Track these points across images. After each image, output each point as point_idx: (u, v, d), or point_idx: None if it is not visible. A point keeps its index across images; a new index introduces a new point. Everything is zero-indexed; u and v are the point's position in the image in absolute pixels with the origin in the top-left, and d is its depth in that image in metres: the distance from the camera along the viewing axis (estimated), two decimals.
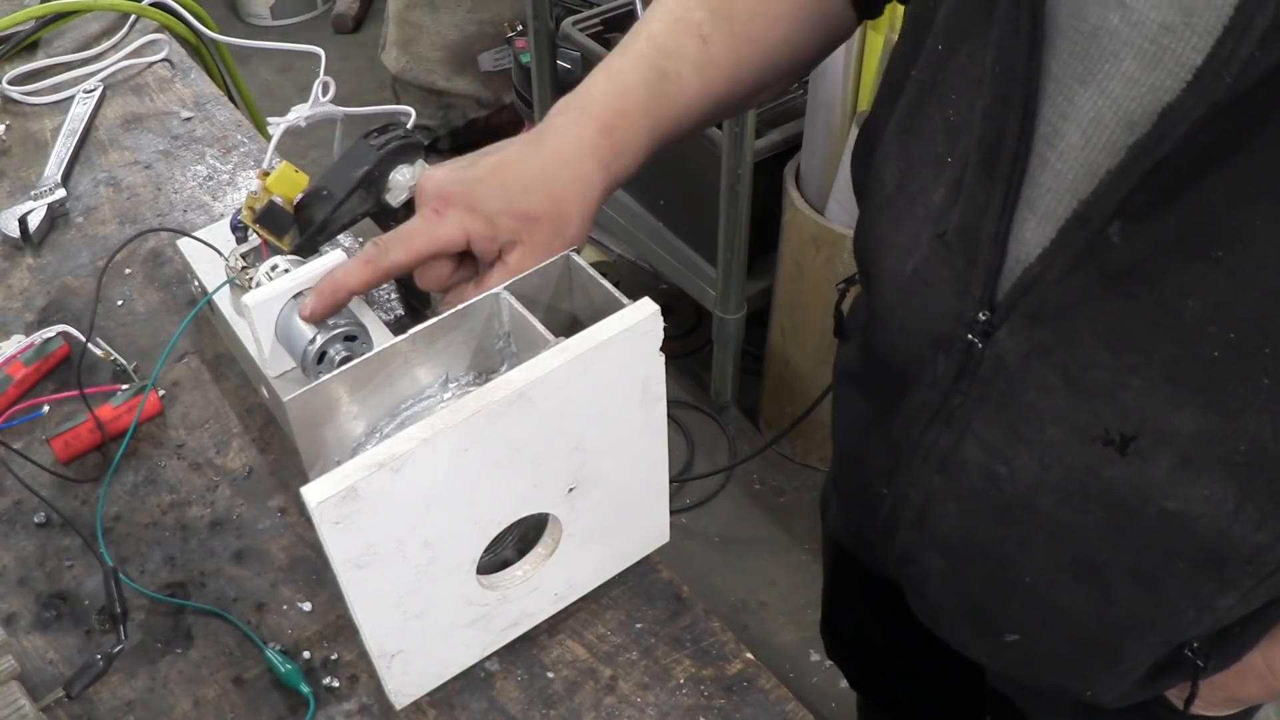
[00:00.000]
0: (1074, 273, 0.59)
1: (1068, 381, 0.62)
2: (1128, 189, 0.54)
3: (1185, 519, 0.62)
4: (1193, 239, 0.54)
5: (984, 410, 0.67)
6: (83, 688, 0.73)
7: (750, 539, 2.07)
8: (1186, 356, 0.57)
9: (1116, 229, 0.56)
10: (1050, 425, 0.64)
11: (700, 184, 1.92)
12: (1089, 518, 0.66)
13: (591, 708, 0.74)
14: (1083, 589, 0.70)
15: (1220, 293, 0.54)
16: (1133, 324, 0.58)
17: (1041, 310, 0.61)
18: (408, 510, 0.62)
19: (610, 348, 0.65)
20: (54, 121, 1.22)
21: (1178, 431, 0.59)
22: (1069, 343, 0.61)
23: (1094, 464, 0.63)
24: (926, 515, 0.76)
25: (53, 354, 0.95)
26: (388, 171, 0.88)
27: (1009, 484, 0.68)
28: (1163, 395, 0.58)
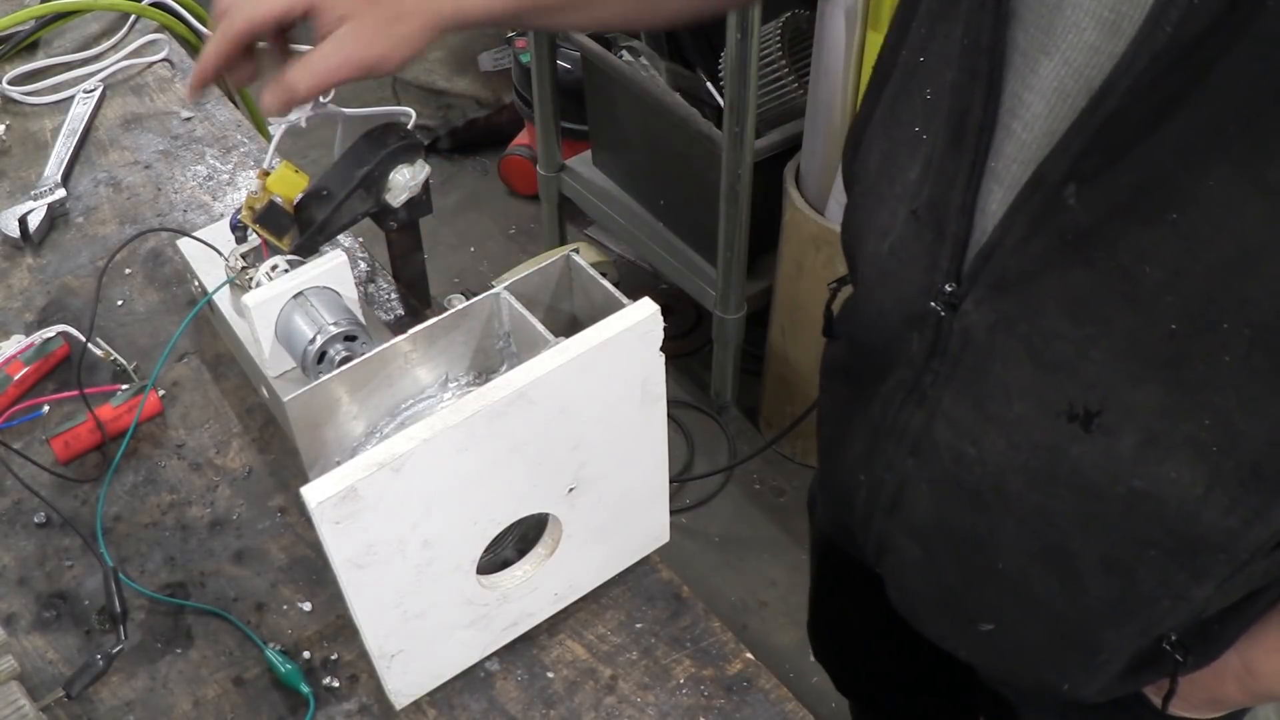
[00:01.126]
0: (1032, 238, 0.60)
1: (1032, 354, 0.62)
2: (1080, 148, 0.55)
3: (1154, 501, 0.62)
4: (1146, 200, 0.54)
5: (953, 388, 0.68)
6: (83, 688, 0.73)
7: (750, 539, 2.07)
8: (1146, 328, 0.57)
9: (1072, 191, 0.57)
10: (1016, 401, 0.64)
11: (700, 184, 1.92)
12: (1058, 501, 0.66)
13: (591, 708, 0.74)
14: (1055, 577, 0.70)
15: (1176, 258, 0.55)
16: (1093, 292, 0.58)
17: (1003, 279, 0.62)
18: (408, 510, 0.62)
19: (610, 348, 0.65)
20: (54, 121, 1.22)
21: (1141, 406, 0.59)
22: (1032, 314, 0.61)
23: (1060, 441, 0.63)
24: (901, 500, 0.76)
25: (53, 354, 0.95)
26: (388, 171, 0.88)
27: (978, 466, 0.68)
28: (1124, 369, 0.59)
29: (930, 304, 0.66)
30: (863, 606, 1.08)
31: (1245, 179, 0.51)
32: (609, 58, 1.98)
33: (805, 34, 1.90)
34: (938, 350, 0.68)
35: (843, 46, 1.67)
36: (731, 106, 1.73)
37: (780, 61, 1.91)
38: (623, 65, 1.95)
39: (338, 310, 0.82)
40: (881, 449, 0.76)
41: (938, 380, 0.69)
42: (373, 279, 1.03)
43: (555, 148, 2.23)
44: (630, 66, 1.96)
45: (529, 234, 2.64)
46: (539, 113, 2.15)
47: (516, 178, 2.70)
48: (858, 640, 1.21)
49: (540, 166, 2.29)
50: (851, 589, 1.09)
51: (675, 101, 1.90)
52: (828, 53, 1.69)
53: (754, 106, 1.74)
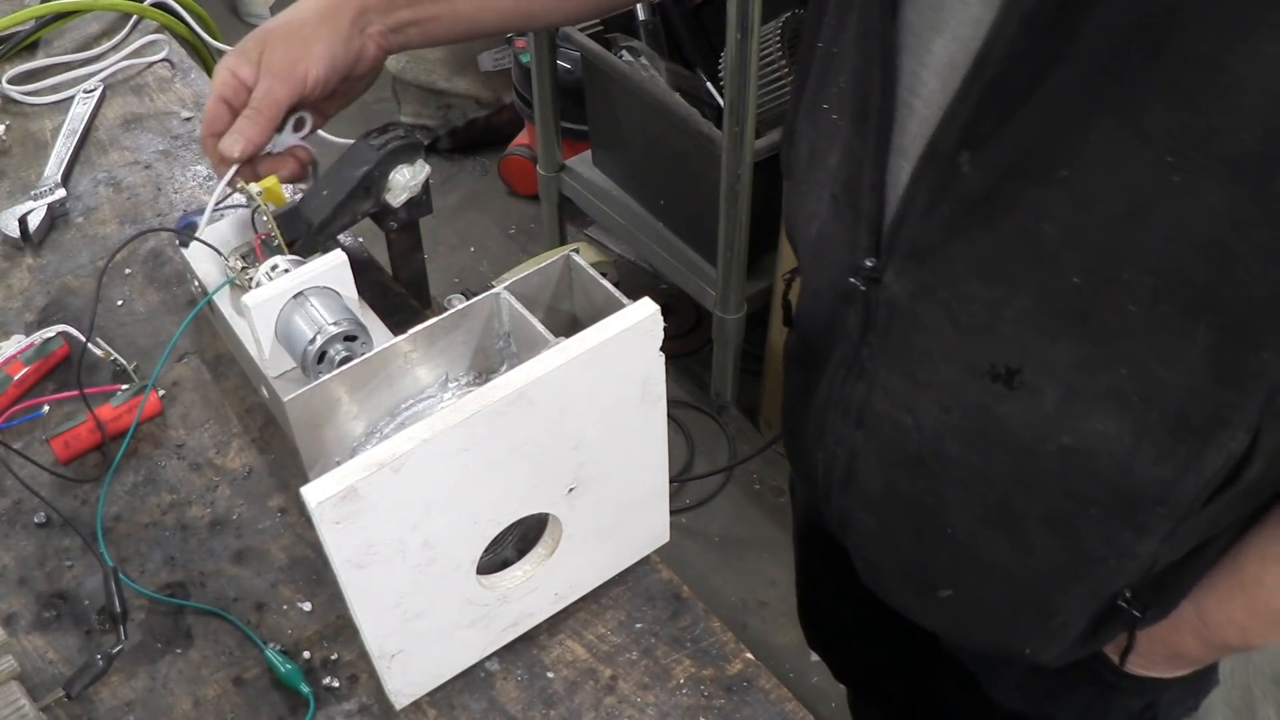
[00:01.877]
0: (936, 207, 0.62)
1: (951, 319, 0.64)
2: (966, 117, 0.57)
3: (1085, 456, 0.63)
4: (1036, 161, 0.56)
5: (886, 358, 0.70)
6: (83, 688, 0.73)
7: (750, 539, 2.07)
8: (1051, 284, 0.59)
9: (966, 158, 0.58)
10: (941, 365, 0.66)
11: (700, 184, 1.92)
12: (995, 462, 0.67)
13: (591, 708, 0.74)
14: (1003, 538, 0.71)
15: (1070, 214, 0.56)
16: (999, 254, 0.60)
17: (916, 249, 0.64)
18: (408, 510, 0.62)
19: (610, 348, 0.65)
20: (54, 121, 1.22)
21: (1057, 362, 0.61)
22: (947, 280, 0.63)
23: (986, 401, 0.65)
24: (853, 473, 0.78)
25: (53, 354, 0.95)
26: (388, 171, 0.88)
27: (916, 433, 0.70)
28: (1037, 325, 0.61)
29: (855, 281, 0.69)
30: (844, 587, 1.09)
31: (1125, 130, 0.53)
32: (609, 58, 1.97)
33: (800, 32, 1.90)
34: (870, 324, 0.70)
35: None
36: (731, 106, 1.73)
37: (780, 61, 1.91)
38: (623, 65, 1.95)
39: (338, 310, 0.82)
40: (831, 424, 0.78)
41: (873, 353, 0.71)
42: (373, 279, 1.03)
43: (555, 148, 2.23)
44: (630, 66, 1.95)
45: (529, 234, 2.64)
46: (539, 113, 2.15)
47: (516, 178, 2.70)
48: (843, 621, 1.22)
49: (540, 166, 2.29)
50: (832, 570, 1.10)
51: (675, 101, 1.90)
52: None
53: (754, 106, 1.74)
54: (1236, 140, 0.50)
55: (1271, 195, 0.51)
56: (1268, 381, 0.57)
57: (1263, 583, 0.69)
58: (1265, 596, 0.69)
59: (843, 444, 0.77)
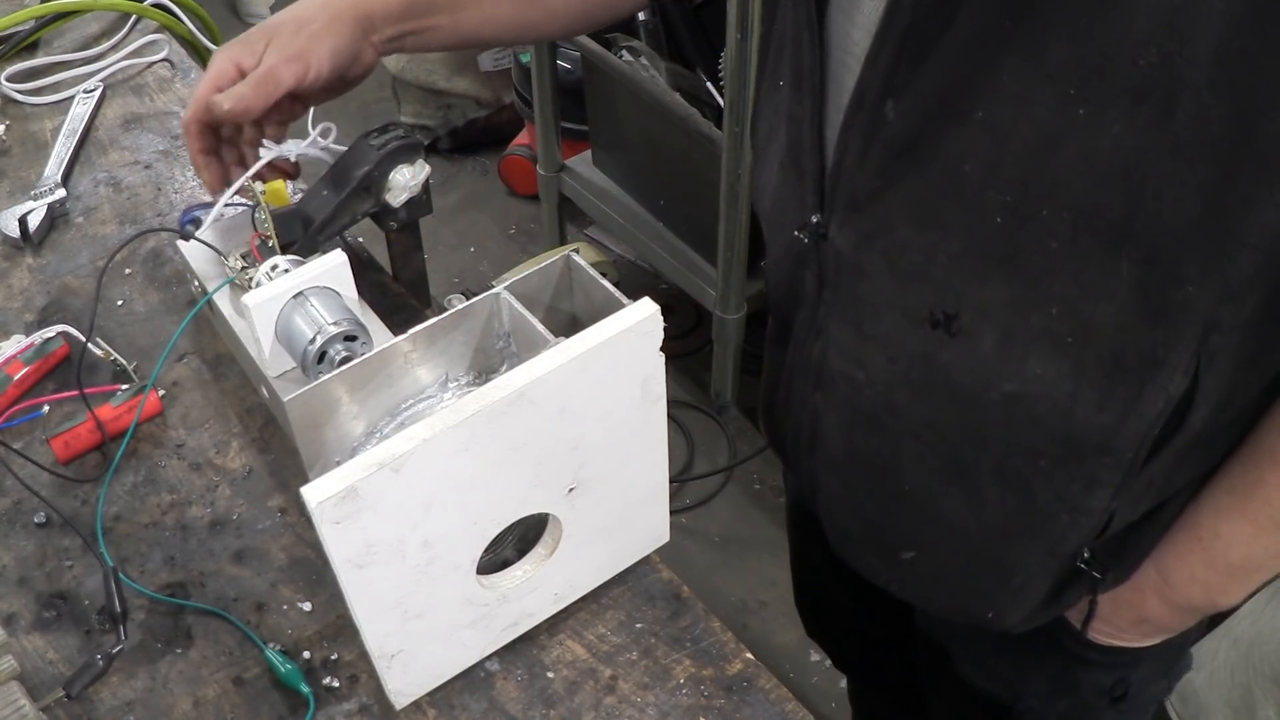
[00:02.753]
0: (867, 155, 0.63)
1: (890, 267, 0.66)
2: (886, 64, 0.59)
3: (1027, 403, 0.64)
4: (953, 102, 0.57)
5: (836, 313, 0.72)
6: (83, 688, 0.73)
7: (750, 539, 2.07)
8: (977, 226, 0.60)
9: (890, 105, 0.60)
10: (885, 314, 0.68)
11: (700, 184, 1.92)
12: (942, 412, 0.69)
13: (591, 708, 0.74)
14: (957, 494, 0.72)
15: (988, 153, 0.57)
16: (929, 199, 0.62)
17: (854, 199, 0.66)
18: (408, 510, 0.62)
19: (610, 348, 0.65)
20: (54, 121, 1.22)
21: (991, 303, 0.62)
22: (884, 227, 0.65)
23: (929, 348, 0.66)
24: (817, 437, 0.79)
25: (53, 354, 0.95)
26: (388, 171, 0.88)
27: (868, 389, 0.72)
28: (968, 268, 0.62)
29: (801, 237, 0.71)
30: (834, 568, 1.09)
31: (1030, 67, 0.54)
32: (609, 58, 1.97)
33: None
34: (822, 281, 0.72)
35: None
36: (731, 106, 1.73)
37: None
38: (623, 65, 1.95)
39: (338, 310, 0.82)
40: (796, 390, 0.80)
41: (827, 310, 0.72)
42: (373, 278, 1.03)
43: (555, 148, 2.22)
44: (630, 66, 1.95)
45: (529, 234, 2.64)
46: (539, 113, 2.15)
47: (516, 178, 2.70)
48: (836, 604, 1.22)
49: (540, 166, 2.28)
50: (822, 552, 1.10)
51: (675, 101, 1.90)
52: None
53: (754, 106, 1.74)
54: (1134, 68, 0.51)
55: (1175, 122, 0.51)
56: (1197, 318, 0.57)
57: (1219, 534, 0.69)
58: (1222, 548, 0.69)
59: (806, 408, 0.79)
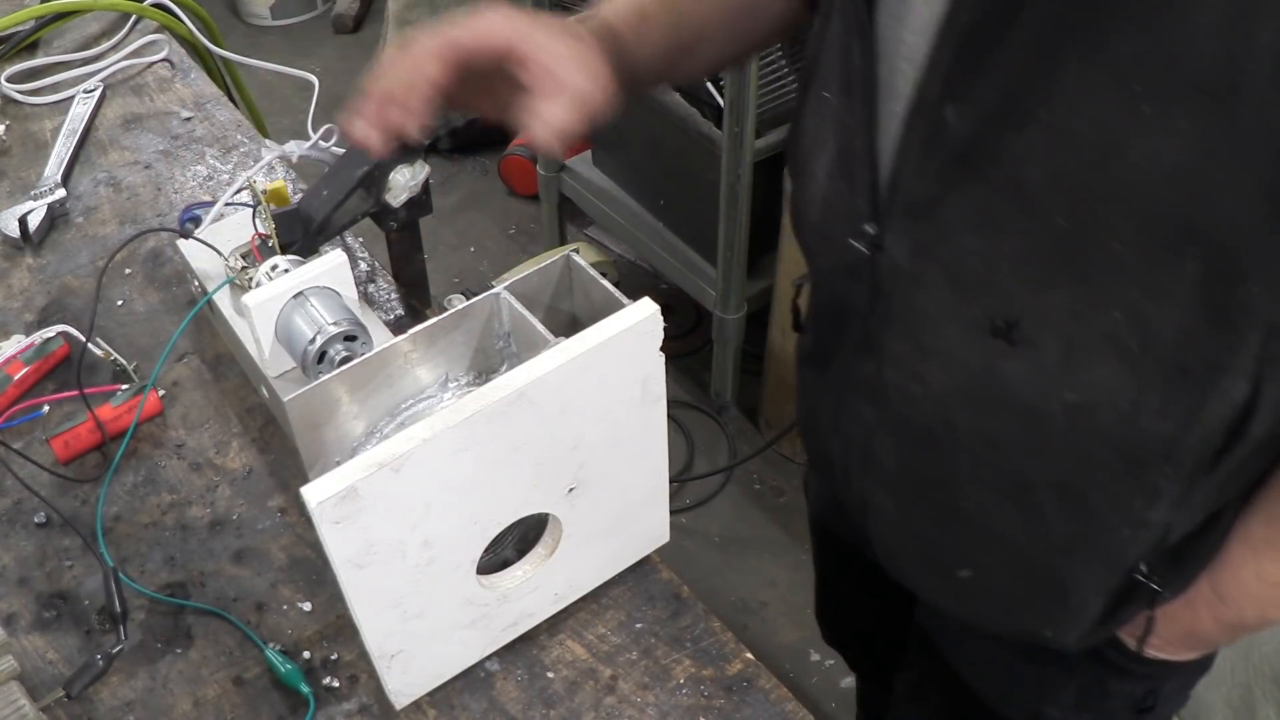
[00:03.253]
0: (926, 161, 0.62)
1: (949, 276, 0.65)
2: (946, 66, 0.58)
3: (1088, 413, 0.63)
4: (1014, 104, 0.57)
5: (892, 326, 0.70)
6: (83, 688, 0.73)
7: (750, 539, 2.07)
8: (1040, 230, 0.59)
9: (950, 110, 0.59)
10: (944, 326, 0.66)
11: (700, 184, 1.92)
12: (1002, 426, 0.68)
13: (591, 708, 0.74)
14: (1016, 511, 0.71)
15: (1051, 156, 0.57)
16: (989, 204, 0.61)
17: (912, 206, 0.65)
18: (408, 510, 0.62)
19: (610, 348, 0.65)
20: (54, 121, 1.22)
21: (1053, 310, 0.61)
22: (943, 235, 0.64)
23: (990, 359, 0.65)
24: (870, 453, 0.78)
25: (53, 354, 0.95)
26: (388, 171, 0.88)
27: (926, 402, 0.70)
28: (1030, 274, 0.61)
29: (856, 246, 0.69)
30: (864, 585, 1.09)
31: (1094, 65, 0.53)
32: None
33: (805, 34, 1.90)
34: (876, 293, 0.70)
35: None
36: (731, 106, 1.73)
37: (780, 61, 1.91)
38: None
39: (338, 310, 0.82)
40: (846, 405, 0.78)
41: (880, 323, 0.71)
42: (373, 279, 1.03)
43: None
44: None
45: (529, 234, 2.64)
46: None
47: (516, 178, 2.70)
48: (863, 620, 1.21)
49: (540, 166, 2.28)
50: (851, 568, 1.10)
51: (675, 101, 1.90)
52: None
53: (754, 106, 1.74)
54: (1198, 64, 0.50)
55: (1240, 119, 0.51)
56: (1259, 321, 0.57)
57: (1273, 544, 0.69)
58: (1275, 559, 0.69)
59: (858, 424, 0.78)
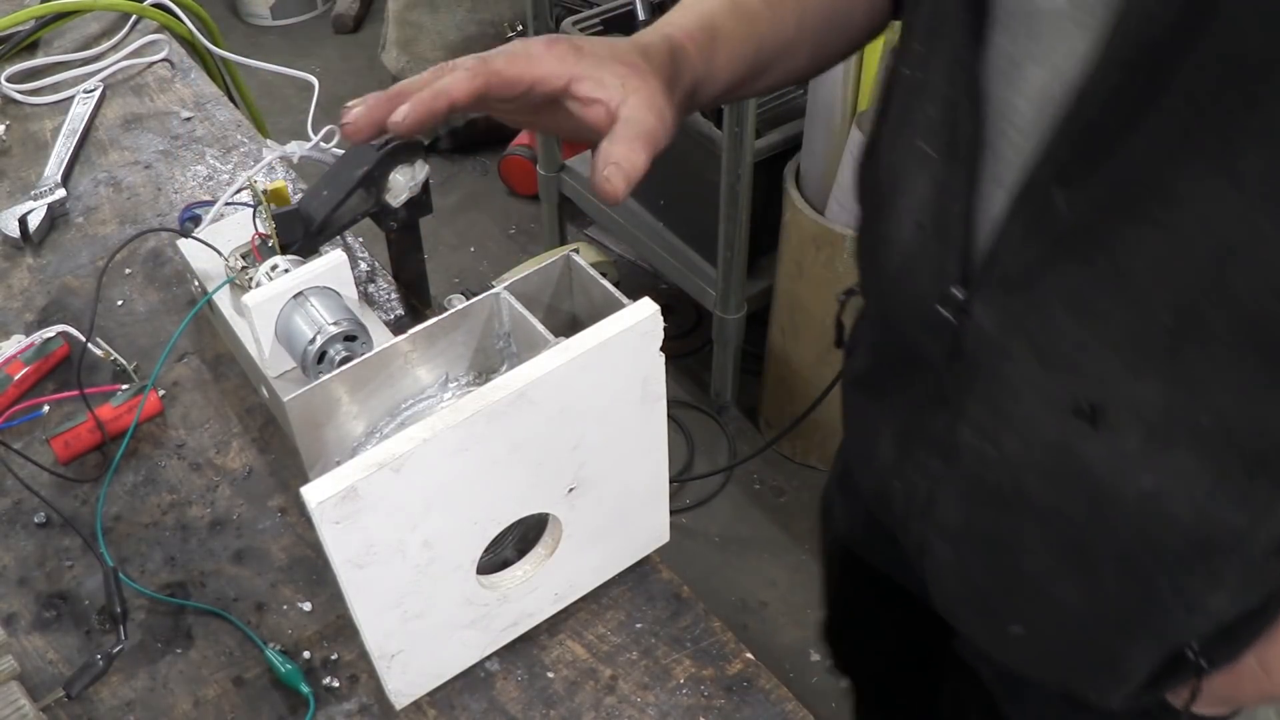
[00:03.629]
0: (1029, 240, 0.61)
1: (1037, 352, 0.63)
2: (1064, 155, 0.57)
3: (1163, 498, 0.63)
4: (1131, 200, 0.56)
5: (972, 389, 0.69)
6: (83, 688, 0.73)
7: (750, 539, 2.07)
8: (1141, 322, 0.58)
9: (1061, 195, 0.58)
10: (1026, 398, 0.65)
11: (700, 184, 1.92)
12: (1074, 501, 0.67)
13: (591, 708, 0.74)
14: (1076, 580, 0.71)
15: (1164, 254, 0.56)
16: (1090, 290, 0.59)
17: (1007, 280, 0.63)
18: (408, 510, 0.62)
19: (610, 348, 0.65)
20: (54, 121, 1.22)
21: (1142, 401, 0.60)
22: (1036, 312, 0.63)
23: (1069, 438, 0.64)
24: (933, 504, 0.77)
25: (53, 354, 0.95)
26: (388, 171, 0.88)
27: (999, 466, 0.69)
28: (1124, 362, 0.60)
29: (943, 311, 0.68)
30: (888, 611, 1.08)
31: (1219, 174, 0.52)
32: None
33: None
34: (955, 353, 0.69)
35: None
36: (731, 107, 1.73)
37: None
38: None
39: (338, 310, 0.82)
40: (911, 454, 0.77)
41: (958, 383, 0.70)
42: (373, 279, 1.03)
43: (555, 148, 2.22)
44: None
45: (529, 234, 2.64)
46: None
47: (516, 178, 2.70)
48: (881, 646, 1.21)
49: (540, 166, 2.29)
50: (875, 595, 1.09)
51: None
52: None
53: (754, 106, 1.74)
54: None
55: None
56: None
57: None
58: None
59: (923, 474, 0.76)
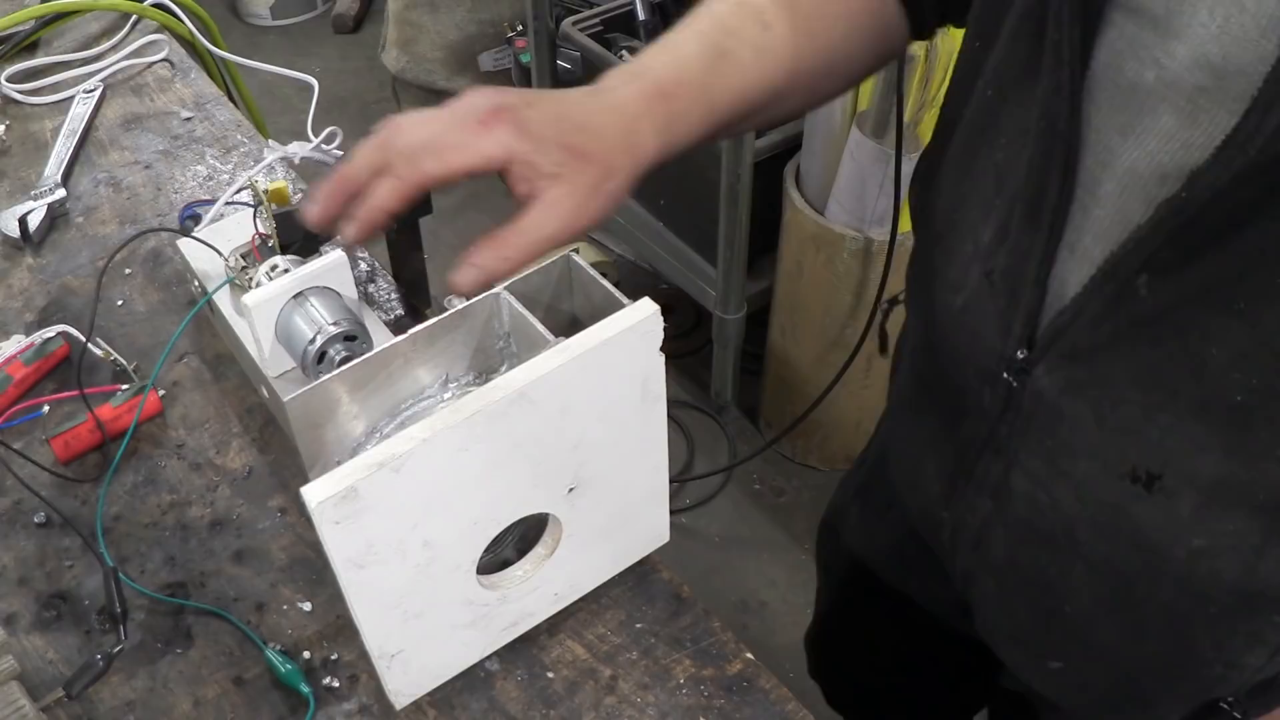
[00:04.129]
0: (1104, 319, 0.60)
1: (1098, 418, 0.63)
2: (1155, 245, 0.56)
3: (1212, 557, 0.63)
4: (1217, 293, 0.55)
5: (1027, 442, 0.69)
6: (83, 688, 0.73)
7: (750, 539, 2.07)
8: (1211, 399, 0.58)
9: (1144, 281, 0.57)
10: (1083, 459, 0.65)
11: (700, 184, 1.92)
12: (1123, 554, 0.67)
13: (591, 708, 0.74)
14: (1118, 625, 0.71)
15: (1243, 343, 0.55)
16: (1160, 367, 0.59)
17: (1075, 351, 0.63)
18: (408, 510, 0.62)
19: (610, 348, 0.65)
20: (54, 121, 1.22)
21: (1200, 473, 0.60)
22: (1100, 382, 0.62)
23: (1123, 500, 0.64)
24: (981, 540, 0.77)
25: (53, 354, 0.95)
26: None
27: (1051, 513, 0.69)
28: (1188, 434, 0.60)
29: (1002, 368, 0.67)
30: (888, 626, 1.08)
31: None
32: (609, 58, 1.97)
33: None
34: (1010, 406, 0.69)
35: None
36: None
37: None
38: None
39: (338, 310, 0.82)
40: (962, 492, 0.77)
41: (1012, 433, 0.70)
42: (373, 279, 1.03)
43: None
44: None
45: None
46: None
47: None
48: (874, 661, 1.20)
49: None
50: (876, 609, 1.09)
51: None
52: None
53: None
54: None
55: None
56: None
57: None
58: None
59: (974, 512, 0.77)
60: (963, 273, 0.70)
